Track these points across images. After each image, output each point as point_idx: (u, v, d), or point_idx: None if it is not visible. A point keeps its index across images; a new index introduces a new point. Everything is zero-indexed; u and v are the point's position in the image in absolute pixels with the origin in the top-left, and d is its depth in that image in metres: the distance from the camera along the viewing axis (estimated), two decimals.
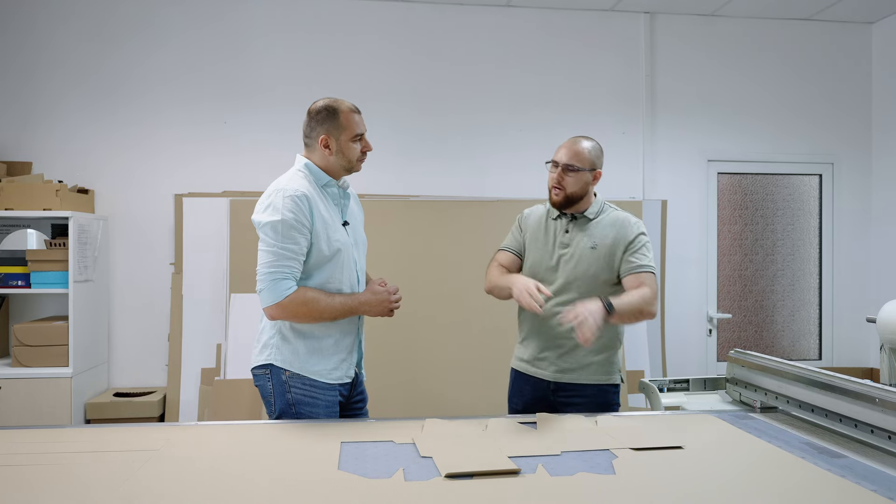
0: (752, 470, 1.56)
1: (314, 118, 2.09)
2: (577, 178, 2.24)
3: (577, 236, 2.26)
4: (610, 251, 2.22)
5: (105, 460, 1.61)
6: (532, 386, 2.30)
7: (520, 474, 1.51)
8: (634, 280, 2.19)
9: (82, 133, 4.03)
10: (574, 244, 2.26)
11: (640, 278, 2.19)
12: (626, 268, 2.22)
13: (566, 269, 2.24)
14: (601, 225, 2.27)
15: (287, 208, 1.96)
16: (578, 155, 2.24)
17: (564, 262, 2.25)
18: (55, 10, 4.01)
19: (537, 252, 2.33)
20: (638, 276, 2.19)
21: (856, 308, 4.54)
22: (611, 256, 2.22)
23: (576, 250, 2.25)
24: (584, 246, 2.24)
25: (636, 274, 2.20)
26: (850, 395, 1.76)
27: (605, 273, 2.23)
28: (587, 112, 4.37)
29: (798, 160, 4.57)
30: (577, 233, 2.27)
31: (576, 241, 2.26)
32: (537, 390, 2.28)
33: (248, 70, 4.13)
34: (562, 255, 2.26)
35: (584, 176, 2.25)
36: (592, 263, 2.22)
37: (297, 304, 1.96)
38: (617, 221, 2.27)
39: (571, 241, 2.27)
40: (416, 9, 4.25)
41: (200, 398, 3.80)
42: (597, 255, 2.23)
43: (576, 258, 2.24)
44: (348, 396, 2.15)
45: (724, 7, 4.33)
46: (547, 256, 2.29)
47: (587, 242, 2.24)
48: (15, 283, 3.61)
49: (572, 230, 2.28)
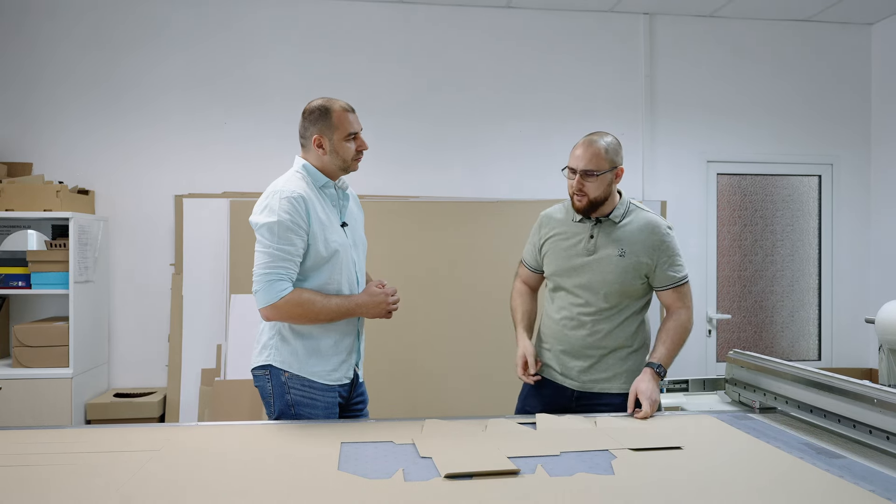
0: (750, 470, 1.57)
1: (308, 118, 2.08)
2: (599, 181, 2.10)
3: (603, 242, 2.15)
4: (639, 260, 2.13)
5: (105, 461, 1.61)
6: (553, 391, 2.23)
7: (519, 474, 1.51)
8: (673, 295, 2.18)
9: (82, 134, 4.03)
10: (600, 251, 2.15)
11: (678, 293, 2.17)
12: (665, 283, 2.17)
13: (593, 278, 2.14)
14: (628, 230, 2.15)
15: (283, 210, 1.96)
16: (596, 158, 2.10)
17: (590, 270, 2.15)
18: (55, 12, 4.01)
19: (560, 258, 2.22)
20: (677, 291, 2.17)
21: (855, 309, 4.54)
22: (639, 265, 2.13)
23: (602, 258, 2.14)
24: (611, 253, 2.13)
25: (675, 288, 2.17)
26: (849, 395, 1.77)
27: (634, 281, 2.14)
28: (586, 113, 4.37)
29: (797, 161, 4.58)
30: (603, 239, 2.16)
31: (602, 248, 2.15)
32: (559, 397, 2.21)
33: (249, 71, 4.13)
34: (587, 262, 2.16)
35: (606, 177, 2.11)
36: (620, 273, 2.12)
37: (293, 306, 1.96)
38: (646, 227, 2.16)
39: (597, 247, 2.15)
40: (416, 10, 4.26)
41: (200, 399, 3.80)
42: (625, 263, 2.12)
43: (602, 266, 2.13)
44: (348, 398, 2.15)
45: (723, 8, 4.33)
46: (570, 263, 2.19)
47: (614, 250, 2.13)
48: (15, 283, 3.61)
49: (598, 235, 2.16)
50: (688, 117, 4.48)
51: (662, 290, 2.18)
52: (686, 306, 2.18)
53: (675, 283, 2.17)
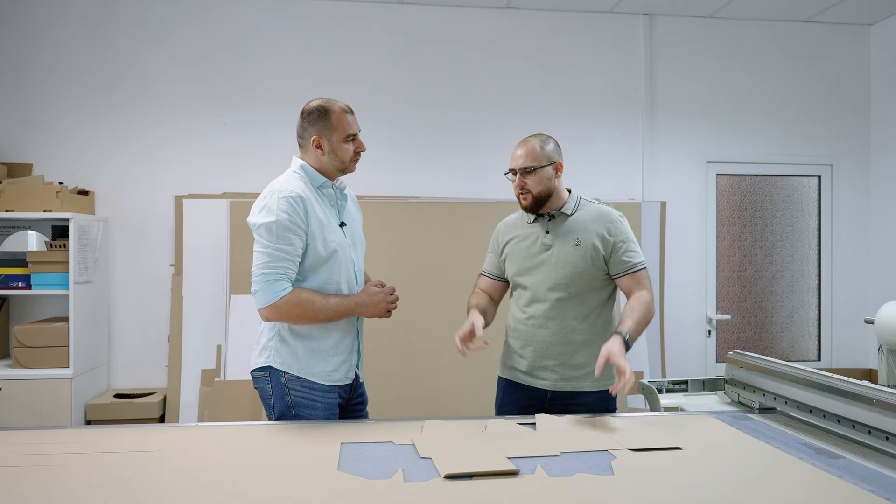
0: (750, 471, 1.57)
1: (306, 119, 2.08)
2: (539, 176, 2.17)
3: (558, 235, 2.21)
4: (594, 247, 2.17)
5: (105, 461, 1.61)
6: (526, 395, 2.25)
7: (519, 475, 1.51)
8: (630, 281, 2.18)
9: (82, 135, 4.03)
10: (556, 244, 2.21)
11: (635, 278, 2.18)
12: (620, 269, 2.19)
13: (553, 271, 2.19)
14: (581, 220, 2.22)
15: (282, 209, 1.96)
16: (531, 154, 2.18)
17: (550, 263, 2.20)
18: (56, 13, 4.02)
19: (519, 260, 2.27)
20: (633, 277, 2.18)
21: (854, 309, 4.55)
22: (595, 252, 2.17)
23: (559, 250, 2.20)
24: (566, 244, 2.19)
25: (632, 274, 2.18)
26: (848, 396, 1.77)
27: (592, 269, 2.18)
28: (586, 113, 4.38)
29: (797, 161, 4.58)
30: (557, 231, 2.22)
31: (557, 241, 2.21)
32: (532, 399, 2.24)
33: (248, 72, 4.14)
34: (546, 257, 2.21)
35: (545, 172, 2.18)
36: (578, 261, 2.17)
37: (292, 306, 1.96)
38: (597, 215, 2.22)
39: (554, 241, 2.21)
40: (416, 11, 4.26)
41: (200, 399, 3.80)
42: (581, 251, 2.17)
43: (560, 258, 2.19)
44: (348, 398, 2.15)
45: (723, 9, 4.34)
46: (530, 261, 2.24)
47: (570, 240, 2.19)
48: (15, 284, 3.62)
49: (553, 230, 2.23)
50: (687, 118, 4.48)
51: (619, 276, 2.20)
52: (646, 289, 2.17)
53: (630, 268, 2.18)
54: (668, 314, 4.35)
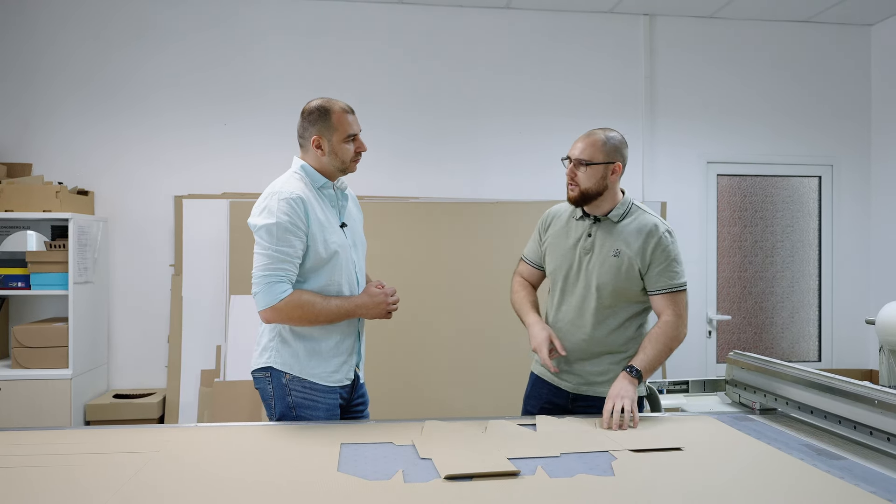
0: (751, 471, 1.56)
1: (306, 119, 2.07)
2: (592, 172, 2.07)
3: (601, 241, 2.12)
4: (632, 262, 2.08)
5: (105, 462, 1.61)
6: (551, 392, 2.23)
7: (519, 476, 1.51)
8: (663, 301, 2.09)
9: (82, 135, 4.03)
10: (597, 250, 2.12)
11: (670, 299, 2.08)
12: (656, 287, 2.09)
13: (589, 278, 2.12)
14: (626, 230, 2.11)
15: (282, 211, 1.95)
16: (591, 147, 2.08)
17: (587, 269, 2.13)
18: (55, 13, 4.02)
19: (559, 256, 2.20)
20: (668, 298, 2.08)
21: (855, 310, 4.54)
22: (632, 266, 2.08)
23: (597, 257, 2.11)
24: (606, 252, 2.10)
25: (666, 294, 2.09)
26: (849, 396, 1.76)
27: (626, 283, 2.09)
28: (586, 114, 4.37)
29: (797, 162, 4.58)
30: (600, 237, 2.13)
31: (598, 247, 2.12)
32: (556, 397, 2.22)
33: (248, 72, 4.14)
34: (584, 261, 2.14)
35: (599, 170, 2.07)
36: (614, 272, 2.08)
37: (293, 307, 1.95)
38: (643, 228, 2.10)
39: (594, 246, 2.13)
40: (416, 11, 4.26)
41: (200, 400, 3.80)
42: (618, 263, 2.08)
43: (598, 266, 2.10)
44: (349, 399, 2.15)
45: (723, 9, 4.34)
46: (568, 262, 2.17)
47: (610, 249, 2.10)
48: (15, 284, 3.61)
49: (595, 234, 2.14)
50: (688, 118, 4.48)
51: (654, 294, 2.12)
52: (676, 314, 2.08)
53: (667, 288, 2.09)
54: None
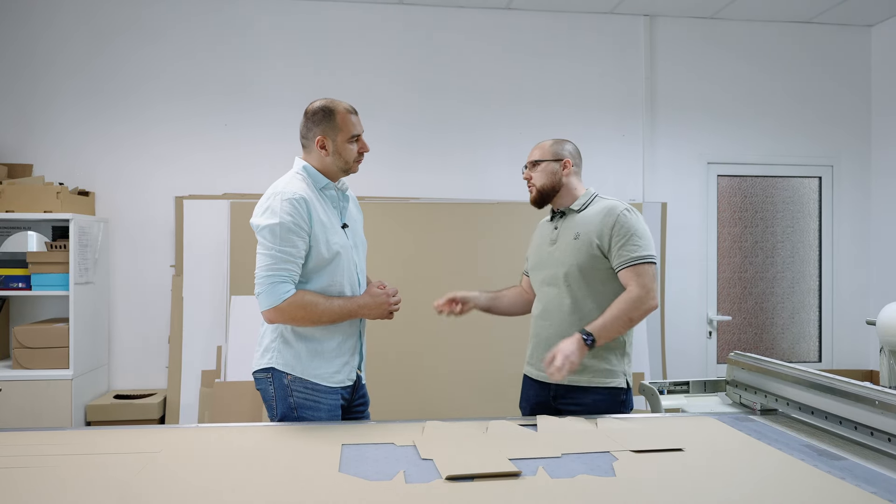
0: (751, 472, 1.56)
1: (310, 119, 2.08)
2: (543, 169, 2.26)
3: (563, 230, 2.26)
4: (590, 239, 2.16)
5: (105, 463, 1.61)
6: (536, 391, 2.28)
7: (520, 476, 1.51)
8: (628, 274, 2.12)
9: (83, 135, 4.03)
10: (560, 240, 2.25)
11: (634, 272, 2.11)
12: (618, 262, 2.14)
13: (554, 266, 2.23)
14: (587, 215, 2.23)
15: (285, 211, 1.95)
16: (539, 149, 2.30)
17: (553, 258, 2.25)
18: (55, 13, 4.02)
19: (533, 256, 2.37)
20: (632, 270, 2.12)
21: (855, 310, 4.54)
22: (592, 246, 2.16)
23: (561, 244, 2.24)
24: (567, 238, 2.23)
25: (631, 267, 2.12)
26: (850, 397, 1.76)
27: (590, 263, 2.16)
28: (587, 114, 4.37)
29: (798, 162, 4.58)
30: (563, 227, 2.27)
31: (562, 237, 2.25)
32: (540, 395, 2.26)
33: (249, 72, 4.14)
34: (550, 251, 2.27)
35: (549, 166, 2.26)
36: (576, 254, 2.18)
37: (296, 308, 1.96)
38: (602, 209, 2.21)
39: (559, 236, 2.27)
40: (417, 11, 4.26)
41: (201, 400, 3.80)
42: (579, 244, 2.18)
43: (561, 252, 2.23)
44: (350, 399, 2.15)
45: (723, 10, 4.34)
46: (538, 258, 2.33)
47: (570, 234, 2.22)
48: (15, 284, 3.61)
49: (560, 226, 2.29)
50: (688, 119, 4.48)
51: (620, 269, 2.15)
52: (641, 285, 2.09)
53: (630, 261, 2.12)
54: (668, 315, 4.35)
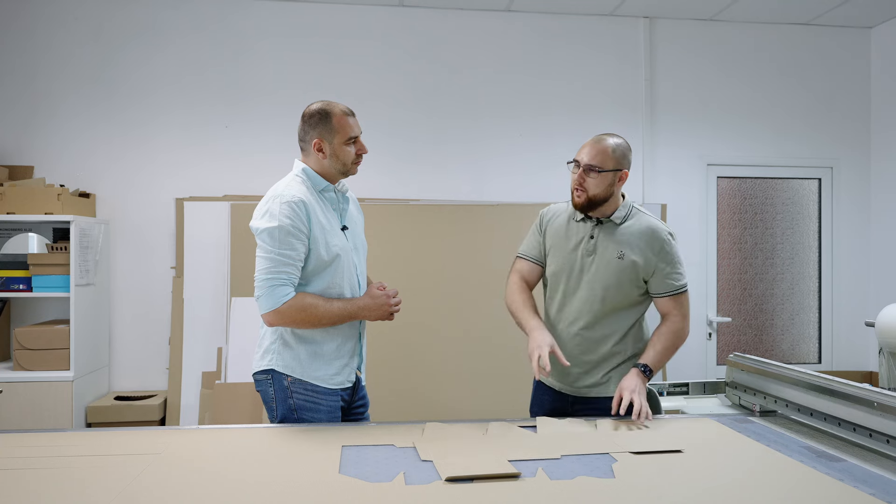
0: (751, 474, 1.57)
1: (307, 122, 2.08)
2: (600, 179, 2.08)
3: (604, 243, 2.13)
4: (636, 264, 2.10)
5: (106, 464, 1.61)
6: (552, 397, 2.25)
7: (520, 478, 1.52)
8: (668, 304, 2.14)
9: (84, 137, 4.04)
10: (600, 252, 2.13)
11: (675, 302, 2.13)
12: (661, 290, 2.13)
13: (592, 280, 2.13)
14: (629, 232, 2.13)
15: (284, 214, 1.96)
16: (601, 154, 2.08)
17: (589, 272, 2.14)
18: (57, 16, 4.02)
19: (560, 258, 2.20)
20: (673, 300, 2.14)
21: (855, 312, 4.54)
22: (636, 269, 2.11)
23: (602, 259, 2.12)
24: (610, 255, 2.11)
25: (672, 297, 2.14)
26: (849, 398, 1.77)
27: (631, 285, 2.13)
28: (587, 116, 4.38)
29: (797, 164, 4.58)
30: (603, 239, 2.14)
31: (601, 249, 2.13)
32: (557, 401, 2.23)
33: (250, 74, 4.14)
34: (586, 263, 2.14)
35: (608, 177, 2.09)
36: (617, 275, 2.10)
37: (296, 311, 1.96)
38: (647, 231, 2.13)
39: (597, 248, 2.13)
40: (417, 13, 4.26)
41: (201, 402, 3.80)
42: (623, 265, 2.10)
43: (601, 268, 2.12)
44: (350, 401, 2.15)
45: (723, 12, 4.34)
46: (570, 264, 2.17)
47: (613, 251, 2.11)
48: (16, 286, 3.62)
49: (598, 236, 2.14)
50: (688, 120, 4.48)
51: (659, 297, 2.16)
52: (682, 315, 2.15)
53: (672, 291, 2.14)
54: None
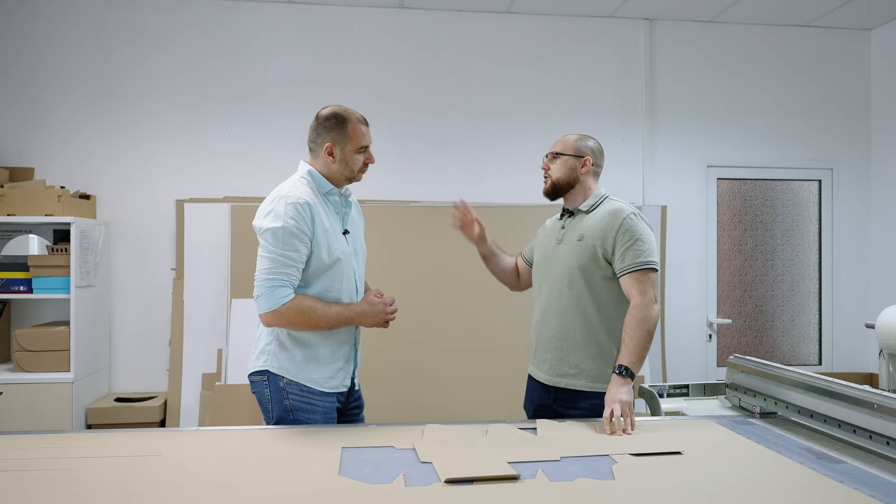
0: (751, 475, 1.57)
1: (322, 124, 2.08)
2: (562, 163, 2.26)
3: (570, 230, 2.26)
4: (594, 243, 2.15)
5: (106, 466, 1.61)
6: (539, 392, 2.29)
7: (519, 480, 1.52)
8: (629, 281, 2.11)
9: (84, 139, 4.04)
10: (566, 239, 2.26)
11: (634, 279, 2.09)
12: (620, 267, 2.13)
13: (557, 266, 2.24)
14: (594, 217, 2.22)
15: (289, 215, 1.96)
16: (562, 143, 2.30)
17: (556, 258, 2.25)
18: (57, 17, 4.03)
19: (540, 251, 2.38)
20: (633, 277, 2.10)
21: (855, 313, 4.55)
22: (595, 248, 2.15)
23: (566, 245, 2.24)
24: (572, 239, 2.23)
25: (631, 274, 2.11)
26: (849, 400, 1.77)
27: (593, 266, 2.16)
28: (587, 118, 4.38)
29: (797, 166, 4.58)
30: (570, 226, 2.27)
31: (567, 237, 2.25)
32: (542, 397, 2.27)
33: (250, 76, 4.15)
34: (555, 250, 2.28)
35: (569, 161, 2.26)
36: (579, 256, 2.17)
37: (294, 313, 1.96)
38: (609, 213, 2.19)
39: (565, 235, 2.27)
40: (417, 15, 4.27)
41: (201, 403, 3.80)
42: (582, 246, 2.18)
43: (565, 252, 2.23)
44: (345, 403, 2.15)
45: (723, 13, 4.35)
46: (543, 256, 2.34)
47: (575, 234, 2.22)
48: (17, 288, 3.62)
49: (567, 225, 2.29)
50: (688, 122, 4.49)
51: (622, 275, 2.13)
52: (641, 293, 2.07)
53: (632, 267, 2.10)
54: (669, 318, 4.35)
